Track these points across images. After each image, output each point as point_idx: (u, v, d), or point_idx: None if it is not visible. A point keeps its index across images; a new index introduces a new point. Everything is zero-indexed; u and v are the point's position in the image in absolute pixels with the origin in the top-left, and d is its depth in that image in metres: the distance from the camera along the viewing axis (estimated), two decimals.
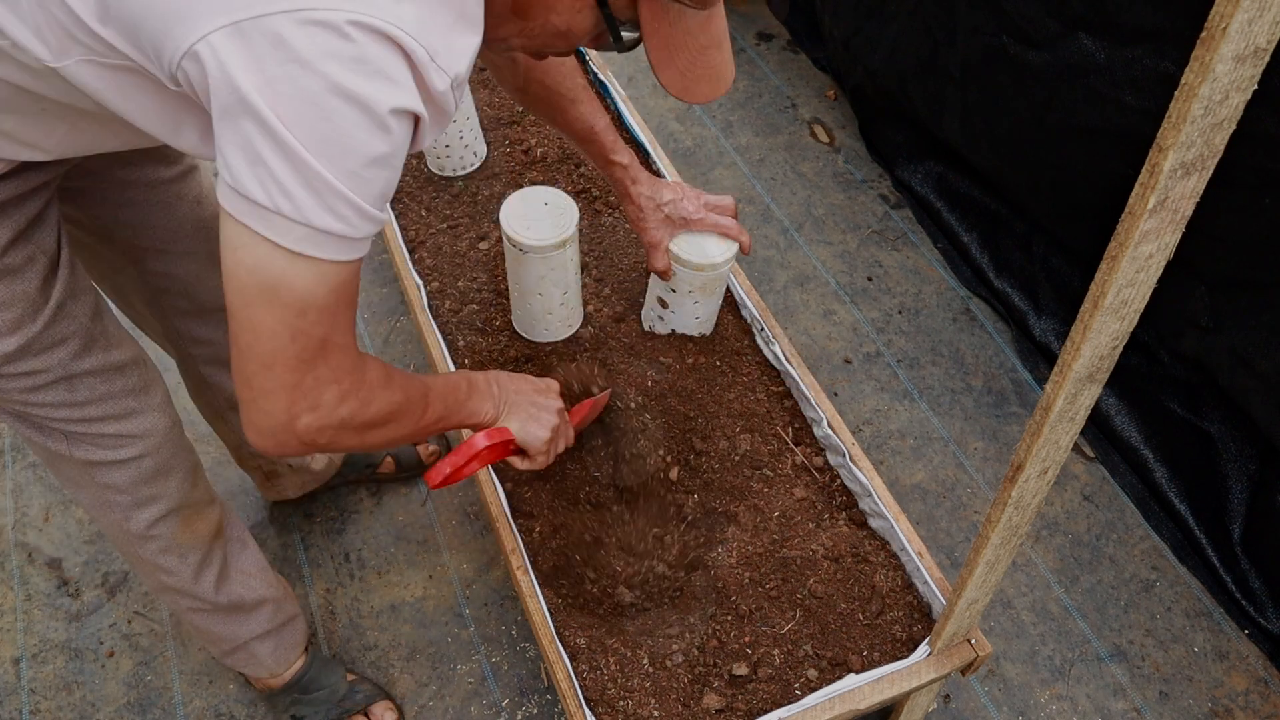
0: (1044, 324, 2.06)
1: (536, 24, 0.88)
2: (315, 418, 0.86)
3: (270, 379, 0.83)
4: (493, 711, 1.61)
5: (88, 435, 1.11)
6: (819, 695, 1.23)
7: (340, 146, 0.72)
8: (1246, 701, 1.64)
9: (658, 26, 0.89)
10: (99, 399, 1.08)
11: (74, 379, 1.05)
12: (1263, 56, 0.61)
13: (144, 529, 1.22)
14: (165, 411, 1.18)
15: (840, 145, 2.54)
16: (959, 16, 1.98)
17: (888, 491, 1.43)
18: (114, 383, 1.10)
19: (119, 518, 1.21)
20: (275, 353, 0.82)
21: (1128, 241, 0.71)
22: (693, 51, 0.91)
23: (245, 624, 1.41)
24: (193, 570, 1.30)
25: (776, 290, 2.21)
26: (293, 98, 0.70)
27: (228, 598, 1.36)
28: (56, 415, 1.07)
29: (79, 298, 1.05)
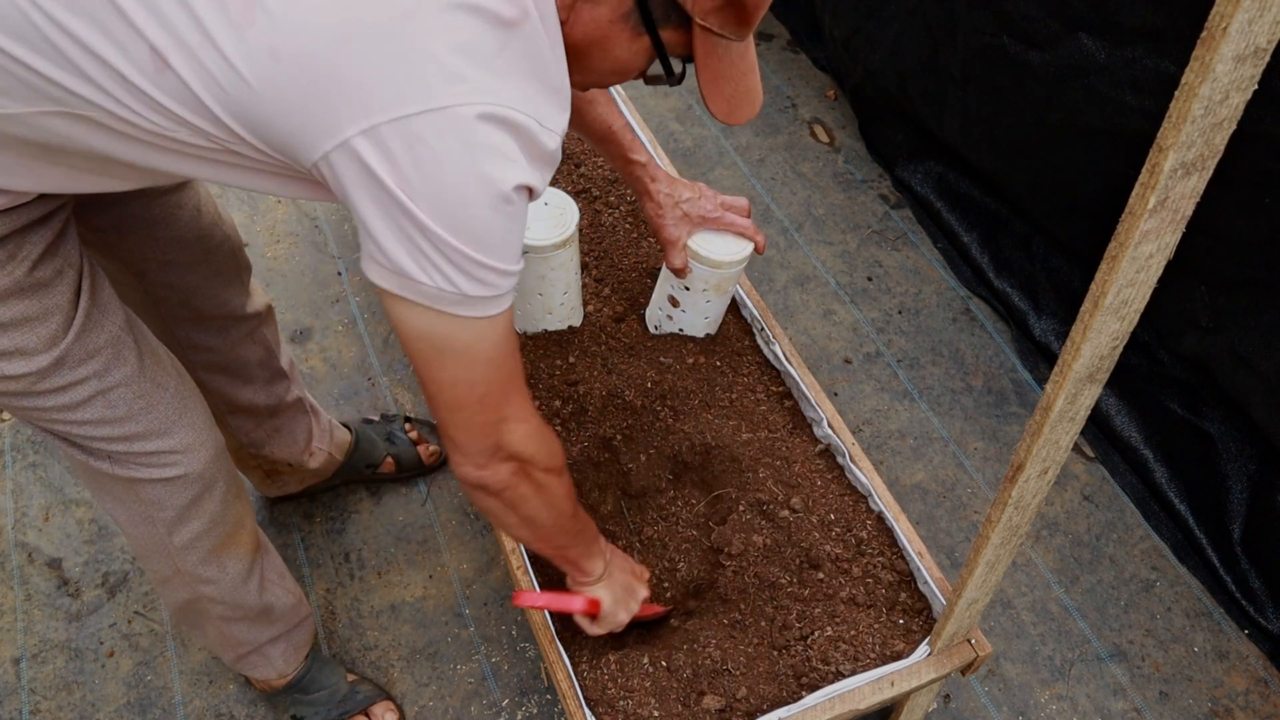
0: (1044, 324, 2.06)
1: (594, 65, 0.93)
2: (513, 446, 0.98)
3: (460, 418, 0.94)
4: (493, 711, 1.61)
5: (130, 454, 1.11)
6: (819, 695, 1.23)
7: (479, 227, 0.80)
8: (1246, 701, 1.64)
9: (709, 61, 0.94)
10: (138, 413, 1.09)
11: (110, 392, 1.06)
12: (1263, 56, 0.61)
13: (188, 541, 1.23)
14: (208, 427, 1.19)
15: (840, 145, 2.54)
16: (959, 16, 1.98)
17: (888, 491, 1.43)
18: (150, 395, 1.10)
19: (161, 532, 1.21)
20: (459, 399, 0.93)
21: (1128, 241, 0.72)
22: (735, 79, 0.97)
23: (268, 628, 1.42)
24: (233, 579, 1.31)
25: (776, 290, 2.21)
26: (432, 192, 0.77)
27: (264, 603, 1.38)
28: (98, 434, 1.08)
29: (106, 310, 1.06)
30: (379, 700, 1.57)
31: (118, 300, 1.09)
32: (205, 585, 1.29)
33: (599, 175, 1.86)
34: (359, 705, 1.56)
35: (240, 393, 1.48)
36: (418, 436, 1.85)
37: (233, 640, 1.41)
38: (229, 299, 1.38)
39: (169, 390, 1.12)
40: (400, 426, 1.85)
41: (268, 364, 1.49)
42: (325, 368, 2.05)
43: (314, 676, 1.54)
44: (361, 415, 1.95)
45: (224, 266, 1.36)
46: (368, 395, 2.01)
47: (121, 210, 1.19)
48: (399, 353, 2.07)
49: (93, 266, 1.06)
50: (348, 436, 1.75)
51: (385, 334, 2.11)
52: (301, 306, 2.15)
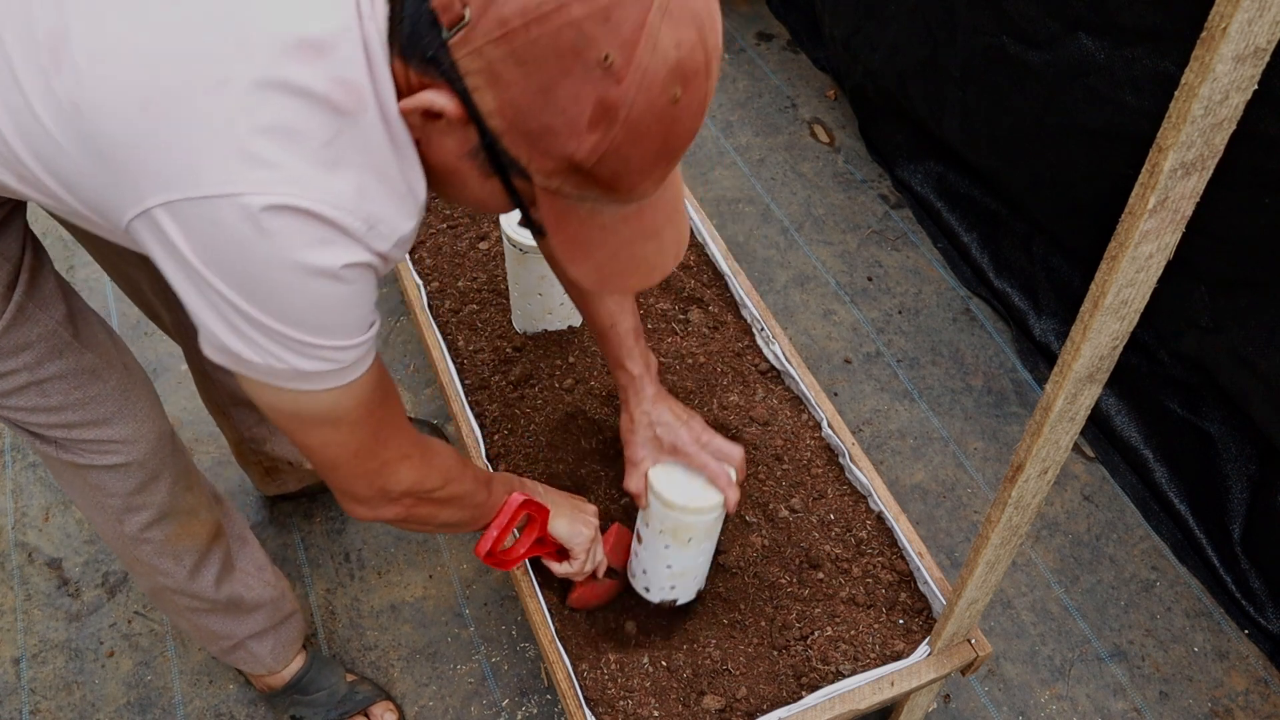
0: (1044, 324, 2.06)
1: (457, 193, 0.85)
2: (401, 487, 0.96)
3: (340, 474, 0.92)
4: (493, 711, 1.61)
5: (69, 440, 1.10)
6: (819, 695, 1.23)
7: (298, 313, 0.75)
8: (1246, 701, 1.64)
9: (563, 224, 0.80)
10: (74, 404, 1.08)
11: (44, 383, 1.04)
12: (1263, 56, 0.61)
13: (137, 532, 1.22)
14: (151, 419, 1.17)
15: (840, 145, 2.54)
16: (959, 16, 1.98)
17: (888, 491, 1.43)
18: (88, 388, 1.08)
19: (112, 520, 1.21)
20: (333, 459, 0.90)
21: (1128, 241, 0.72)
22: (613, 246, 0.82)
23: (243, 622, 1.41)
24: (188, 571, 1.29)
25: (776, 290, 2.21)
26: (240, 276, 0.72)
27: (227, 595, 1.35)
28: (35, 420, 1.07)
29: (45, 304, 1.04)
30: (379, 700, 1.57)
31: (61, 295, 1.07)
32: (162, 576, 1.29)
33: None
34: (359, 705, 1.56)
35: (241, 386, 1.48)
36: None
37: (208, 633, 1.40)
38: None
39: (109, 384, 1.11)
40: None
41: None
42: None
43: (313, 677, 1.53)
44: None
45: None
46: None
47: None
48: (399, 353, 2.07)
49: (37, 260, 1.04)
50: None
51: (385, 333, 2.11)
52: None
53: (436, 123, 0.75)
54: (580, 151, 0.72)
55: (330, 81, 0.71)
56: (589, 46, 0.68)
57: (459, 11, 0.69)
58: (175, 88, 0.69)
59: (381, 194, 0.76)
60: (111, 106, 0.70)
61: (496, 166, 0.77)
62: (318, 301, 0.76)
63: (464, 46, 0.70)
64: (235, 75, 0.69)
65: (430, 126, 0.76)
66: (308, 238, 0.72)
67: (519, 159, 0.75)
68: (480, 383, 1.57)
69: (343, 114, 0.72)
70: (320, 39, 0.71)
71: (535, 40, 0.68)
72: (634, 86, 0.69)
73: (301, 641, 1.53)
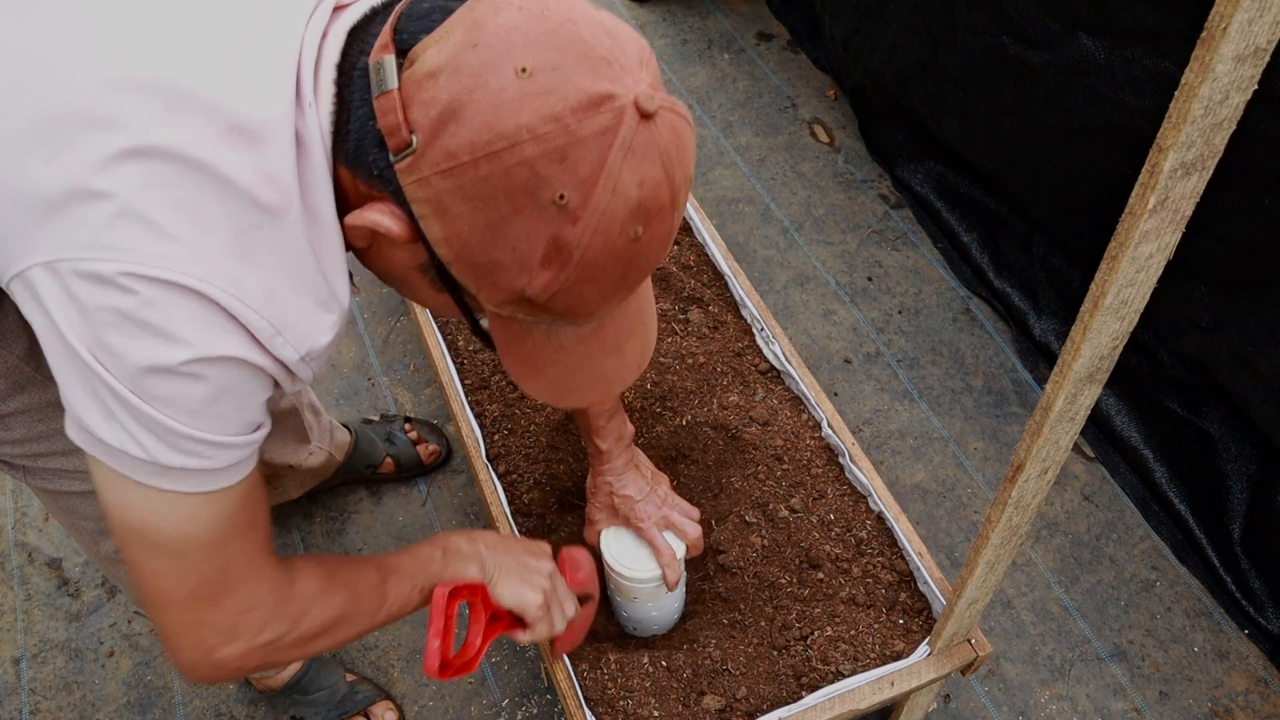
0: (1044, 324, 2.06)
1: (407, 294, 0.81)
2: (235, 648, 0.80)
3: (168, 619, 0.77)
4: (493, 711, 1.61)
5: (37, 469, 1.08)
6: (819, 695, 1.23)
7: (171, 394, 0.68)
8: (1246, 701, 1.64)
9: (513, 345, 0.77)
10: (37, 436, 1.04)
11: (6, 418, 1.01)
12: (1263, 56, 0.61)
13: (113, 553, 1.20)
14: None
15: (840, 145, 2.54)
16: (959, 16, 1.98)
17: (888, 491, 1.43)
18: (51, 421, 1.04)
19: (89, 540, 1.19)
20: (164, 593, 0.76)
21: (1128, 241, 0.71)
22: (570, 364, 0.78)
23: None
24: None
25: (776, 290, 2.21)
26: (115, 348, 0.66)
27: None
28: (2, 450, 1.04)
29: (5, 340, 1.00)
30: (379, 700, 1.57)
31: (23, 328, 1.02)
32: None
33: None
34: (359, 705, 1.56)
35: None
36: (417, 436, 1.85)
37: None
38: None
39: None
40: (400, 427, 1.85)
41: None
42: (325, 368, 2.05)
43: (313, 677, 1.53)
44: (361, 415, 1.95)
45: None
46: (367, 395, 2.01)
47: None
48: (399, 353, 2.07)
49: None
50: (348, 437, 1.75)
51: (385, 334, 2.11)
52: None
53: (383, 237, 0.72)
54: (532, 288, 0.69)
55: (256, 175, 0.67)
56: (542, 186, 0.64)
57: (405, 138, 0.65)
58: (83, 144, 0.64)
59: (294, 300, 0.71)
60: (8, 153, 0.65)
61: (447, 285, 0.73)
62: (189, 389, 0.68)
63: (410, 174, 0.66)
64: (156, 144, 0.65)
65: (378, 239, 0.73)
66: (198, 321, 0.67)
67: (467, 286, 0.72)
68: (480, 383, 1.57)
69: (264, 210, 0.67)
70: (252, 128, 0.67)
71: (485, 178, 0.64)
72: (589, 228, 0.66)
73: None
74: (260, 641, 0.82)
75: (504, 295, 0.71)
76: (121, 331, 0.66)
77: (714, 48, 2.79)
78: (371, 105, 0.67)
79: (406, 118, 0.65)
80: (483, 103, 0.63)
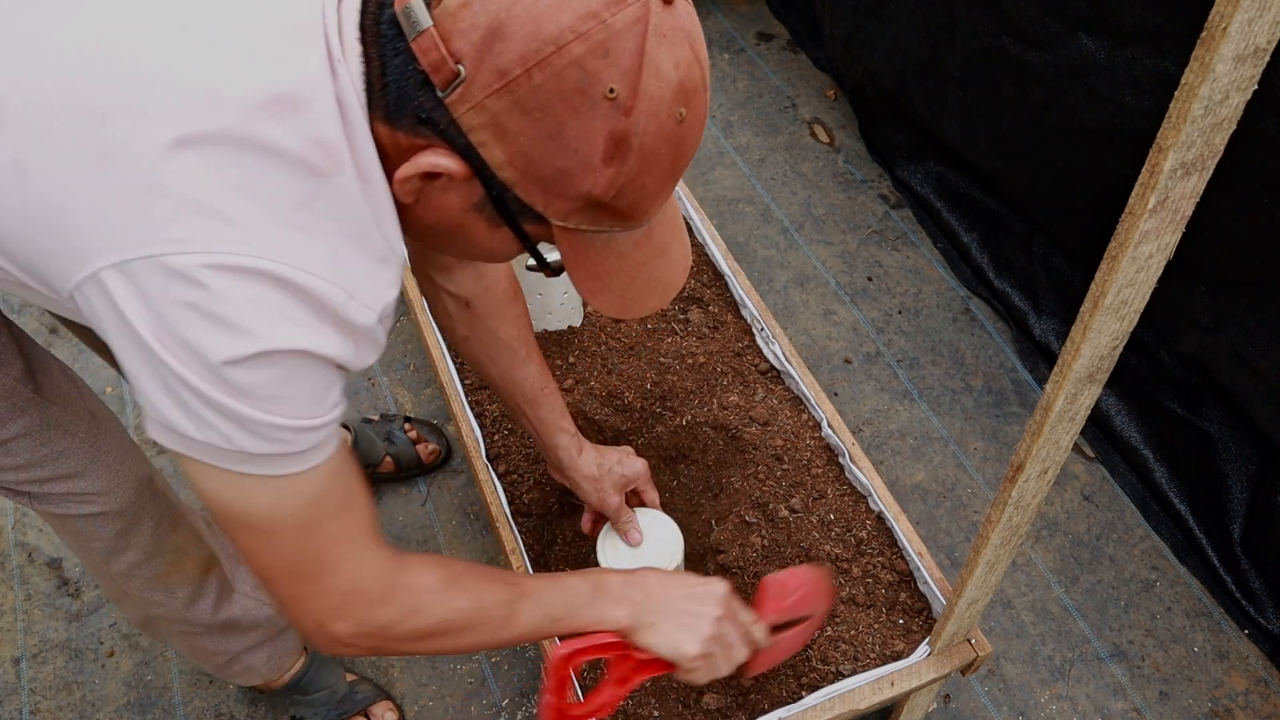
0: (1044, 324, 2.06)
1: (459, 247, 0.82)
2: (344, 626, 0.82)
3: (277, 592, 0.81)
4: (493, 711, 1.61)
5: (43, 494, 1.07)
6: (819, 695, 1.23)
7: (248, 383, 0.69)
8: (1246, 701, 1.64)
9: (582, 260, 0.79)
10: (41, 460, 1.04)
11: (8, 443, 1.01)
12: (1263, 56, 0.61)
13: (126, 569, 1.20)
14: (126, 466, 1.13)
15: (840, 145, 2.54)
16: (959, 16, 1.98)
17: (888, 491, 1.43)
18: (55, 443, 1.04)
19: (99, 560, 1.18)
20: (265, 571, 0.79)
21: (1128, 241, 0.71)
22: (629, 271, 0.81)
23: (241, 638, 1.39)
24: (182, 601, 1.28)
25: (776, 290, 2.21)
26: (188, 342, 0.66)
27: (225, 618, 1.34)
28: (5, 477, 1.04)
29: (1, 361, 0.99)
30: (379, 700, 1.57)
31: (17, 349, 1.03)
32: (155, 607, 1.27)
33: None
34: (359, 705, 1.56)
35: None
36: (417, 436, 1.85)
37: (204, 651, 1.38)
38: None
39: (78, 436, 1.07)
40: (399, 426, 1.85)
41: None
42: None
43: (313, 676, 1.53)
44: (361, 415, 1.95)
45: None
46: (367, 395, 2.01)
47: None
48: (399, 353, 2.07)
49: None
50: (346, 435, 1.75)
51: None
52: None
53: (436, 182, 0.73)
54: (598, 187, 0.71)
55: (305, 141, 0.67)
56: (593, 83, 0.66)
57: (452, 69, 0.66)
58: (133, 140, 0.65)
59: (357, 261, 0.72)
60: (61, 162, 0.65)
61: (505, 216, 0.75)
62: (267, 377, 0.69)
63: (464, 103, 0.67)
64: (200, 130, 0.65)
65: (428, 187, 0.74)
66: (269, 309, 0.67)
67: (534, 205, 0.73)
68: (480, 383, 1.57)
69: (317, 175, 0.68)
70: (293, 94, 0.67)
71: (539, 86, 0.66)
72: (642, 116, 0.68)
73: (300, 650, 1.52)
74: (369, 626, 0.83)
75: (570, 204, 0.73)
76: (194, 326, 0.66)
77: (714, 48, 2.79)
78: (408, 51, 0.68)
79: (450, 50, 0.67)
80: (522, 15, 0.65)
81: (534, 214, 0.74)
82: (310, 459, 0.75)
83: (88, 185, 0.65)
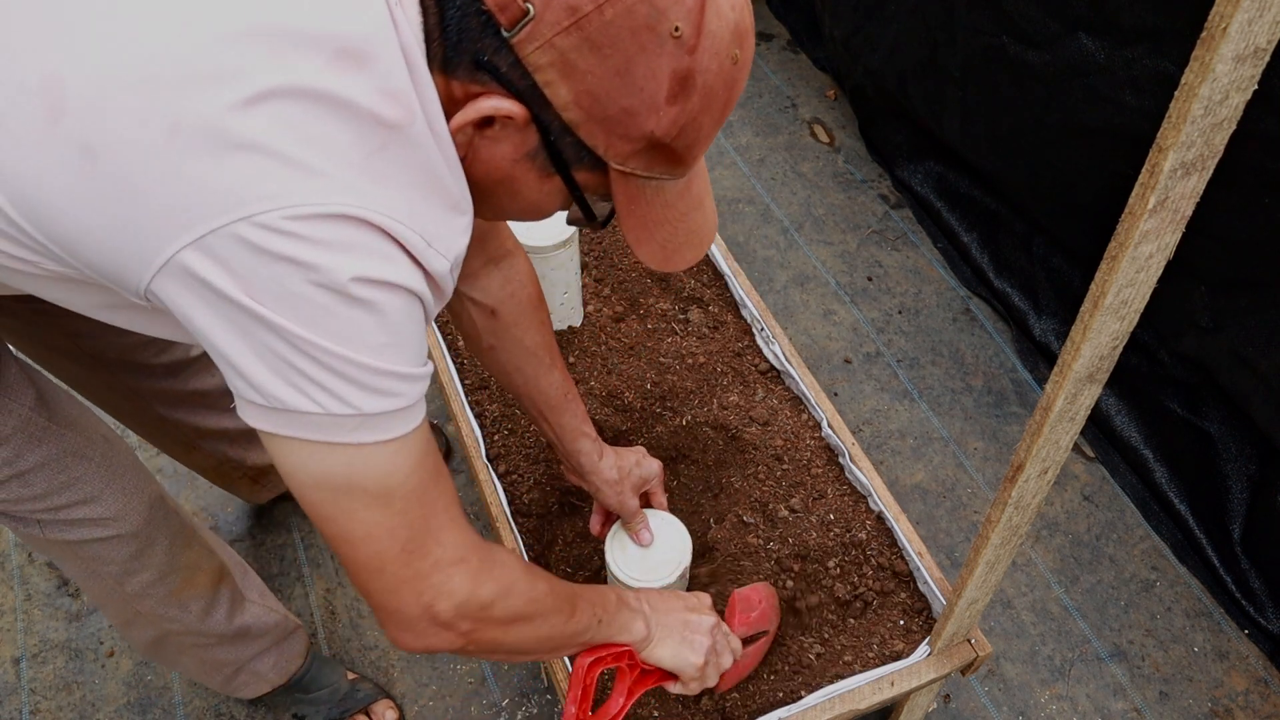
0: (1044, 324, 2.06)
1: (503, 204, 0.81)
2: (452, 603, 0.81)
3: (385, 580, 0.78)
4: (493, 711, 1.61)
5: (57, 521, 1.06)
6: (819, 695, 1.23)
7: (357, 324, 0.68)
8: (1246, 701, 1.64)
9: (634, 208, 0.79)
10: (59, 488, 1.03)
11: (26, 474, 1.00)
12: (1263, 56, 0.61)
13: (141, 589, 1.20)
14: (139, 488, 1.13)
15: (840, 145, 2.54)
16: (959, 16, 1.98)
17: (888, 491, 1.43)
18: (71, 470, 1.04)
19: (111, 584, 1.18)
20: (379, 555, 0.77)
21: (1128, 241, 0.71)
22: (672, 222, 0.82)
23: (250, 645, 1.40)
24: (197, 615, 1.28)
25: (776, 290, 2.21)
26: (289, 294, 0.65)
27: (238, 626, 1.35)
28: (20, 508, 1.03)
29: (13, 391, 0.98)
30: (379, 699, 1.57)
31: (27, 378, 1.01)
32: (169, 622, 1.26)
33: None
34: (360, 703, 1.56)
35: (205, 420, 1.46)
36: None
37: (215, 663, 1.39)
38: (173, 352, 1.34)
39: (93, 461, 1.06)
40: None
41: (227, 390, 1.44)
42: None
43: (314, 675, 1.54)
44: None
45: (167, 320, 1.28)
46: None
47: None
48: None
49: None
50: None
51: None
52: None
53: (487, 131, 0.73)
54: (660, 127, 0.72)
55: (375, 93, 0.66)
56: (661, 20, 0.67)
57: (521, 7, 0.66)
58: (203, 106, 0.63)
59: (432, 211, 0.71)
60: (129, 140, 0.63)
61: (558, 164, 0.75)
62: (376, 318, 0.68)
63: (531, 42, 0.67)
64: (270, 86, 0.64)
65: (479, 137, 0.73)
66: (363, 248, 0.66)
67: (595, 148, 0.73)
68: (480, 383, 1.57)
69: (389, 127, 0.67)
70: (360, 48, 0.66)
71: (610, 22, 0.66)
72: (705, 54, 0.69)
73: (305, 653, 1.52)
74: (473, 604, 0.82)
75: (631, 145, 0.73)
76: (294, 277, 0.65)
77: None
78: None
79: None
80: None
81: (591, 159, 0.74)
82: (415, 416, 0.75)
83: (159, 161, 0.63)
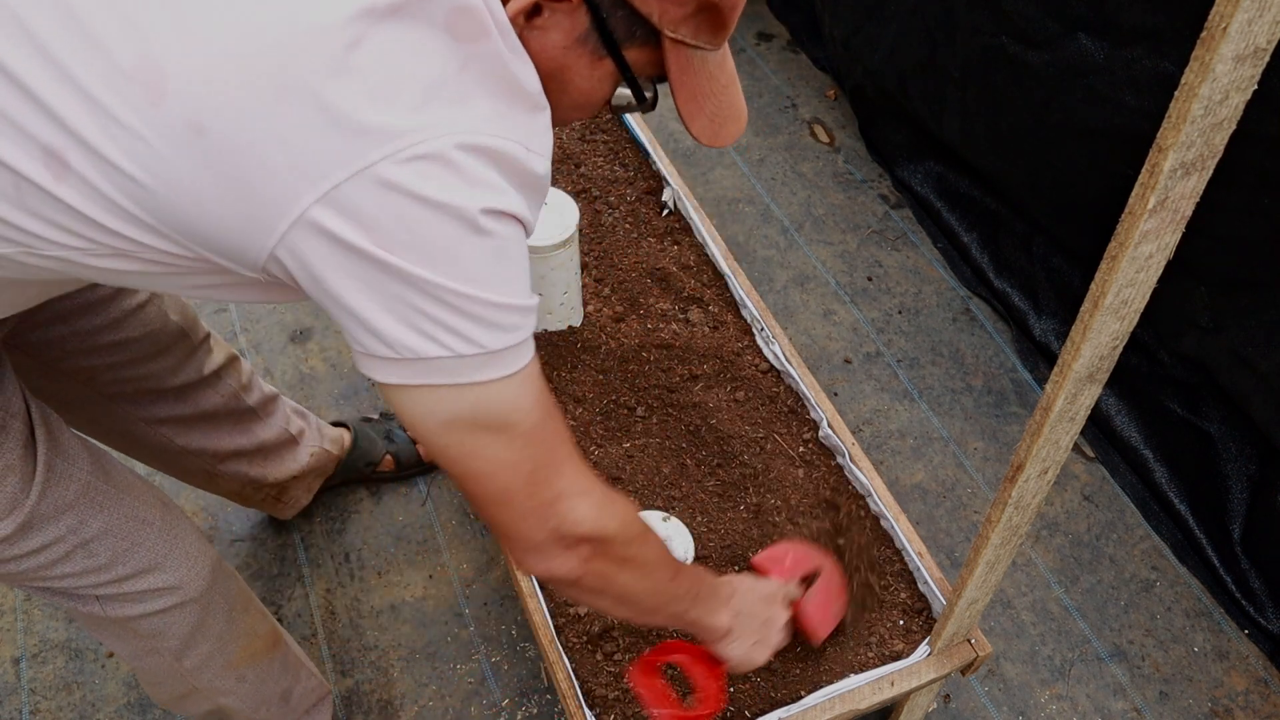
0: (1044, 324, 2.06)
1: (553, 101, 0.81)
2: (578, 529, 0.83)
3: (513, 511, 0.80)
4: (493, 711, 1.61)
5: (119, 595, 1.05)
6: (819, 695, 1.23)
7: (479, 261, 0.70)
8: (1246, 701, 1.64)
9: (685, 78, 0.84)
10: (122, 556, 1.02)
11: (90, 543, 0.99)
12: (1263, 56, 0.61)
13: (200, 663, 1.18)
14: (201, 551, 1.12)
15: (840, 145, 2.54)
16: (959, 16, 1.98)
17: (888, 491, 1.43)
18: (135, 535, 1.03)
19: (169, 660, 1.16)
20: (506, 489, 0.79)
21: (1128, 241, 0.72)
22: (716, 94, 0.87)
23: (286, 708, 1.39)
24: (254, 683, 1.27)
25: (776, 290, 2.21)
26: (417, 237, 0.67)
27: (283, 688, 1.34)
28: (83, 583, 1.01)
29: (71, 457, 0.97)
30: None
31: (81, 443, 1.00)
32: (225, 696, 1.25)
33: (599, 175, 1.86)
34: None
35: (220, 442, 1.45)
36: None
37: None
38: (186, 372, 1.33)
39: (154, 525, 1.05)
40: (399, 425, 1.85)
41: (235, 408, 1.44)
42: (325, 367, 2.05)
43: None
44: (361, 414, 1.95)
45: (176, 348, 1.28)
46: (368, 395, 2.01)
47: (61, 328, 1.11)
48: None
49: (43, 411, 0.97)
50: (341, 433, 1.75)
51: None
52: (301, 307, 2.15)
53: (536, 21, 0.75)
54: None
55: (450, 12, 0.68)
56: None
57: None
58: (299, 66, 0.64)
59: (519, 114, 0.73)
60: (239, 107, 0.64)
61: (609, 44, 0.78)
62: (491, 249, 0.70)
63: None
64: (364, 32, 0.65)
65: (528, 29, 0.76)
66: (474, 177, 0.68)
67: (650, 15, 0.76)
68: None
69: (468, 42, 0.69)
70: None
71: None
72: None
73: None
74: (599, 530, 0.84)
75: (683, 10, 0.77)
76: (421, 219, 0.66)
77: None
78: None
79: None
80: None
81: (644, 31, 0.78)
82: (531, 348, 0.77)
83: (273, 124, 0.64)
